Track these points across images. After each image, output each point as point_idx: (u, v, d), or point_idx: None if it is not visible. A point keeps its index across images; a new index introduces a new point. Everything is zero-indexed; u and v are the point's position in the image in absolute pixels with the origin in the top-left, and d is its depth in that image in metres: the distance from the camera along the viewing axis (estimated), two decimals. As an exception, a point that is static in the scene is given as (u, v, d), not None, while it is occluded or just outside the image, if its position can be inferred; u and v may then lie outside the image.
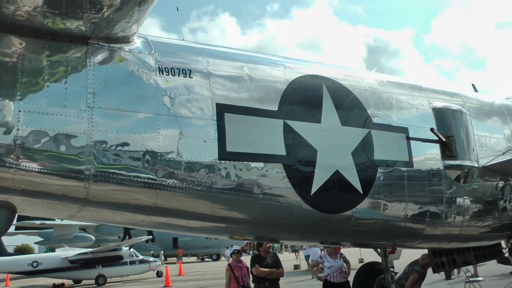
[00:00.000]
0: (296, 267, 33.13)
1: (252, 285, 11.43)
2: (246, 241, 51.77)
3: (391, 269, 13.59)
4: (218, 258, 57.99)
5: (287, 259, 42.18)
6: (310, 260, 30.30)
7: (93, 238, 46.52)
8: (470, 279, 15.71)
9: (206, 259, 60.72)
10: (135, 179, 6.02)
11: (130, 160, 5.98)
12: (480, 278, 16.23)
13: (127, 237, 44.23)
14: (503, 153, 10.53)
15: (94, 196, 5.88)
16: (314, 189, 7.50)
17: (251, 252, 54.15)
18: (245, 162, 6.91)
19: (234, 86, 7.08)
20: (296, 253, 48.81)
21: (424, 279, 11.60)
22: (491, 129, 10.73)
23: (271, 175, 7.13)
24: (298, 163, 7.38)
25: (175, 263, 47.99)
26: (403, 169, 8.61)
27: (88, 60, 5.88)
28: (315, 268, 14.92)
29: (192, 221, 7.06)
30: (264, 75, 7.54)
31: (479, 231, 10.10)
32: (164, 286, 27.48)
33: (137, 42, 6.45)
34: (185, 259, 54.57)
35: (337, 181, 7.74)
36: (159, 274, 34.10)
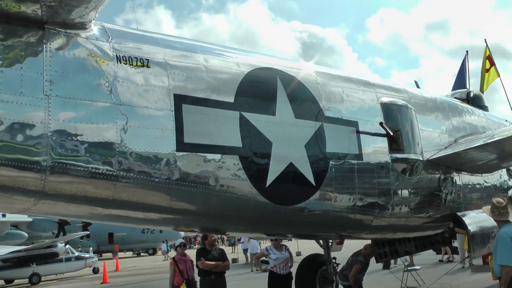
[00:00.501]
0: (234, 260, 33.13)
1: (197, 278, 11.39)
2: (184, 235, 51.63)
3: (333, 261, 13.86)
4: (154, 252, 57.42)
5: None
6: (248, 253, 30.48)
7: (26, 235, 44.85)
8: (408, 268, 16.20)
9: (142, 254, 60.03)
10: (93, 170, 5.81)
11: (88, 151, 5.76)
12: (417, 267, 16.77)
13: (62, 233, 43.05)
14: (445, 147, 10.94)
15: (50, 188, 5.63)
16: (269, 181, 7.52)
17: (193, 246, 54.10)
18: (203, 154, 6.83)
19: (191, 77, 6.97)
20: (233, 247, 48.95)
21: (367, 269, 11.91)
22: (434, 124, 11.11)
23: (227, 167, 7.08)
24: (254, 155, 7.37)
25: (111, 258, 47.17)
26: (353, 161, 8.78)
27: (44, 45, 5.61)
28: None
29: (149, 213, 6.93)
30: (221, 66, 7.48)
31: (423, 221, 10.46)
32: (101, 283, 26.93)
33: (94, 29, 6.22)
34: (121, 254, 53.71)
35: (291, 173, 7.79)
36: (95, 271, 33.39)
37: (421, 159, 10.04)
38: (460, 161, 10.91)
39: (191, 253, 11.91)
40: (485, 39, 17.18)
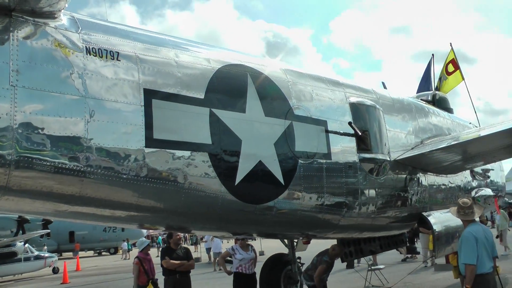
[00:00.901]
0: (197, 259, 32.93)
1: (161, 277, 11.26)
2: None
3: (298, 261, 13.89)
4: (116, 251, 56.66)
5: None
6: (212, 253, 30.30)
7: (-18, 234, 43.68)
8: (372, 267, 16.36)
9: (103, 253, 59.20)
10: (59, 165, 5.61)
11: (55, 145, 5.56)
12: (381, 266, 16.96)
13: (21, 231, 42.00)
14: (412, 148, 11.08)
15: (15, 183, 5.41)
16: (238, 179, 7.43)
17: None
18: (172, 151, 6.69)
19: (161, 72, 6.82)
20: (196, 246, 48.70)
21: (332, 269, 11.97)
22: (402, 125, 11.24)
23: (197, 164, 6.96)
24: (223, 152, 7.28)
25: (72, 258, 46.35)
26: (322, 161, 8.77)
27: (11, 34, 5.39)
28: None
29: (117, 211, 6.73)
30: (191, 62, 7.36)
31: (389, 221, 10.54)
32: (61, 283, 26.38)
33: (63, 19, 6.02)
34: (82, 253, 52.81)
35: (260, 171, 7.73)
36: (55, 271, 32.71)
37: (388, 159, 10.13)
38: (426, 162, 11.06)
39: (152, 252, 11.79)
40: (450, 43, 17.52)
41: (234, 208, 7.61)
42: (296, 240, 13.66)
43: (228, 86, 7.69)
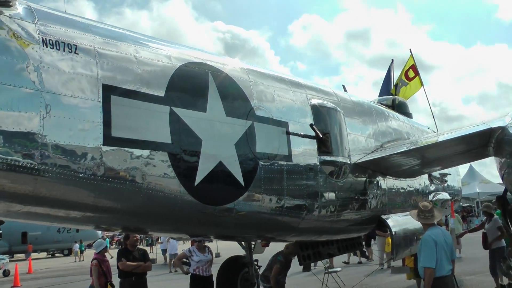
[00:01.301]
0: (153, 261, 32.47)
1: (117, 279, 11.04)
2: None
3: (255, 263, 13.83)
4: (70, 253, 55.42)
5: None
6: (167, 254, 29.95)
7: None
8: (329, 269, 16.45)
9: (57, 254, 57.92)
10: (12, 163, 5.35)
11: (8, 141, 5.30)
12: (338, 269, 17.09)
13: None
14: (372, 152, 11.15)
15: (-36, 182, 5.18)
16: (198, 180, 7.29)
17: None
18: (131, 149, 6.48)
19: (121, 68, 6.61)
20: (151, 247, 48.11)
21: (288, 269, 11.95)
22: (362, 129, 11.31)
23: (156, 164, 6.78)
24: (183, 152, 7.12)
25: (23, 259, 45.17)
26: (282, 163, 8.71)
27: None
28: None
29: (72, 211, 6.48)
30: (152, 58, 7.17)
31: (349, 224, 10.58)
32: (12, 287, 25.57)
33: (19, 8, 5.76)
34: (34, 255, 51.49)
35: (220, 172, 7.60)
36: (6, 273, 31.78)
37: (349, 162, 10.16)
38: (386, 166, 11.15)
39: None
40: (410, 49, 17.76)
41: (193, 209, 7.47)
42: (254, 243, 13.62)
43: (189, 85, 7.54)
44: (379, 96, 17.02)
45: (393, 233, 10.60)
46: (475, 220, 41.48)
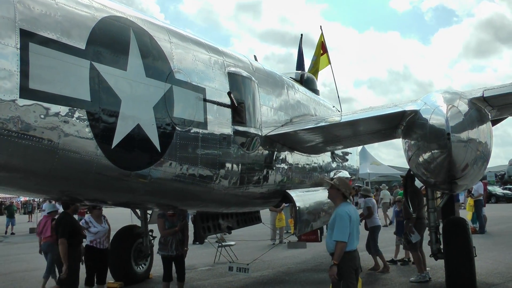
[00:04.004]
0: (32, 230, 30.90)
1: None
2: None
3: (150, 234, 13.66)
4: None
5: (20, 221, 39.39)
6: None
7: None
8: (223, 243, 16.55)
9: None
10: None
11: None
12: (232, 242, 17.21)
13: None
14: (282, 125, 11.28)
15: None
16: (115, 142, 6.96)
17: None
18: (49, 104, 6.01)
19: (41, 12, 6.08)
20: (31, 215, 45.87)
21: None
22: (274, 101, 11.38)
23: (74, 122, 6.34)
24: (102, 112, 6.74)
25: None
26: (198, 130, 8.57)
27: None
28: None
29: None
30: (73, 6, 6.63)
31: (256, 196, 10.70)
32: None
33: None
34: None
35: (137, 135, 7.32)
36: None
37: (260, 134, 10.21)
38: (295, 140, 11.34)
39: None
40: (320, 26, 18.06)
41: (110, 174, 7.15)
42: (150, 212, 13.42)
43: (111, 40, 7.13)
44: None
45: (297, 207, 10.81)
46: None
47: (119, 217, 16.38)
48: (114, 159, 7.06)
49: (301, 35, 18.60)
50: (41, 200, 37.14)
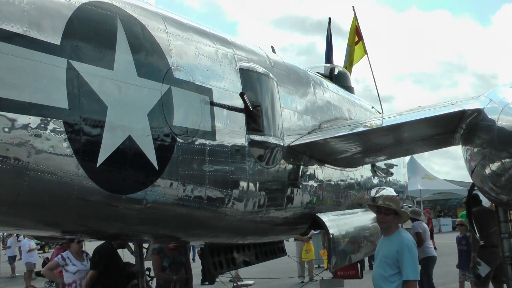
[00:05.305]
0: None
1: None
2: None
3: (147, 273, 13.57)
4: None
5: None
6: (23, 263, 28.53)
7: None
8: (238, 283, 16.39)
9: None
10: None
11: None
12: (250, 282, 17.07)
13: None
14: (309, 132, 11.11)
15: None
16: (101, 159, 6.75)
17: None
18: (15, 114, 5.83)
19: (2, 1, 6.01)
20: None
21: None
22: (298, 102, 11.21)
23: (47, 136, 6.14)
24: (83, 122, 6.53)
25: None
26: (204, 141, 8.38)
27: None
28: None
29: None
30: None
31: (279, 222, 10.50)
32: None
33: None
34: None
35: (129, 150, 7.11)
36: None
37: (282, 144, 10.03)
38: (325, 151, 11.17)
39: None
40: (353, 6, 17.63)
41: (94, 199, 6.97)
42: (146, 246, 13.30)
43: (92, 31, 6.96)
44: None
45: (331, 235, 10.63)
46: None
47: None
48: (100, 180, 6.86)
49: (329, 18, 18.29)
50: (4, 234, 37.14)
